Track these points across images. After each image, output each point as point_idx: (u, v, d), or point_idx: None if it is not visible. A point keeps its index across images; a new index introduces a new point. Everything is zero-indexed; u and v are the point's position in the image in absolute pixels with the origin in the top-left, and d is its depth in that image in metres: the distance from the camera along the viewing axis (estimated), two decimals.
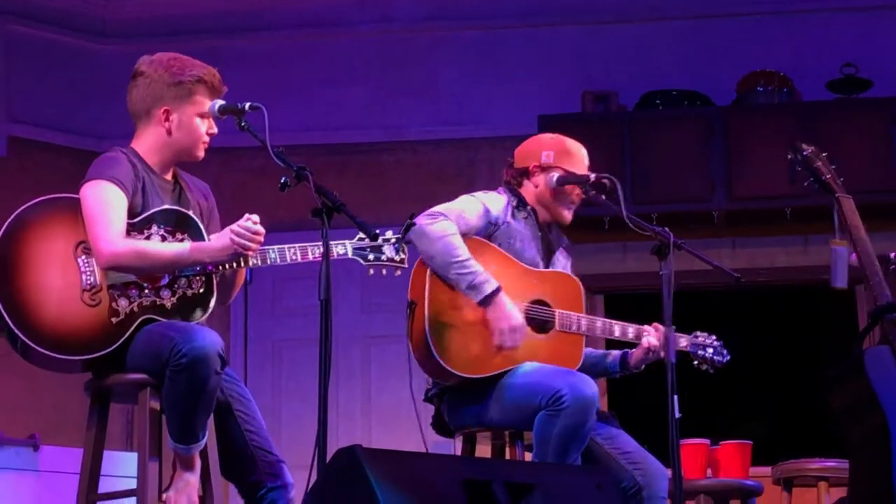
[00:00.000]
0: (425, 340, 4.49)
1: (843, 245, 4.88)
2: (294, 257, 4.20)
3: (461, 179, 7.87)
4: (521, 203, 4.80)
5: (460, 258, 4.52)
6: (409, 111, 8.40)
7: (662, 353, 4.63)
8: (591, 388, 4.40)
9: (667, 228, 4.52)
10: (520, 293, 4.64)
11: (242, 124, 4.13)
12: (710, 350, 4.89)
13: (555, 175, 4.76)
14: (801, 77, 7.94)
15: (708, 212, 7.71)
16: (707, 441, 6.38)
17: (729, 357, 4.92)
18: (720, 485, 6.27)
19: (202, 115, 4.29)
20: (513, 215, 4.76)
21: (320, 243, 4.11)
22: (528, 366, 4.55)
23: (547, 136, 4.94)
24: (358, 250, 4.23)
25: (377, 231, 4.17)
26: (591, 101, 8.02)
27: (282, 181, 3.98)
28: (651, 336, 4.70)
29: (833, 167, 4.93)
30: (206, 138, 4.32)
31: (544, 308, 4.66)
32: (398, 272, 4.44)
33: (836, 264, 4.91)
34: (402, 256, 4.26)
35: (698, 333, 4.91)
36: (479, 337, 4.55)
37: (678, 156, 7.76)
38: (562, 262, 4.87)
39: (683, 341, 4.83)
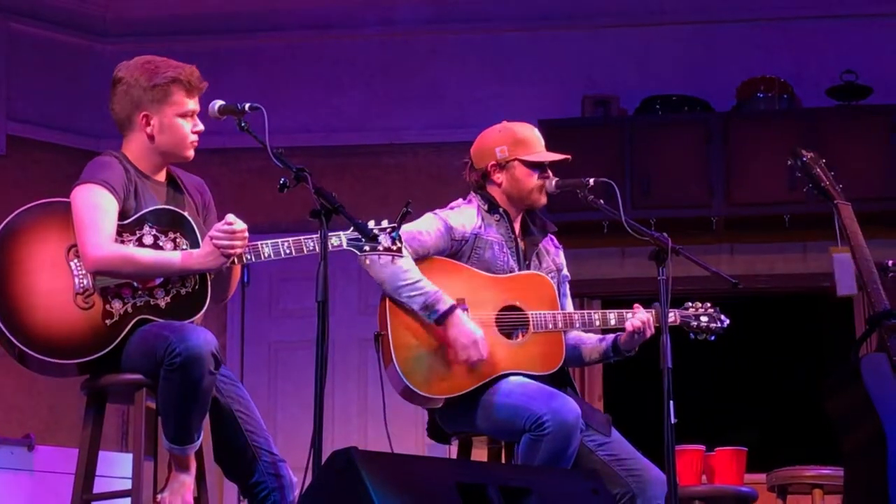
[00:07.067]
0: (397, 372, 4.49)
1: (844, 252, 4.88)
2: (288, 251, 4.16)
3: (461, 183, 7.86)
4: (491, 206, 4.75)
5: (409, 280, 4.49)
6: (409, 114, 8.39)
7: (648, 333, 4.63)
8: (573, 412, 4.35)
9: (665, 234, 4.51)
10: (489, 303, 4.61)
11: (242, 125, 4.12)
12: (705, 318, 4.79)
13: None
14: (801, 83, 7.94)
15: (707, 217, 7.71)
16: (702, 447, 6.38)
17: (728, 321, 4.83)
18: (715, 491, 6.27)
19: (183, 115, 4.26)
20: (484, 221, 4.71)
21: (314, 236, 4.10)
22: (512, 382, 4.51)
23: (495, 130, 4.82)
24: (352, 241, 4.15)
25: (376, 233, 4.16)
26: (591, 106, 8.02)
27: (281, 182, 3.98)
28: (633, 319, 4.64)
29: (832, 174, 4.93)
30: (193, 137, 4.29)
31: (516, 313, 4.62)
32: (394, 262, 4.42)
33: (840, 272, 4.91)
34: (399, 245, 4.19)
35: (689, 304, 4.83)
36: (452, 355, 4.52)
37: (678, 161, 7.76)
38: (546, 260, 4.81)
39: (672, 316, 4.72)
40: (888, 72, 7.96)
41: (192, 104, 4.27)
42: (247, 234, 4.13)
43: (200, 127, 4.30)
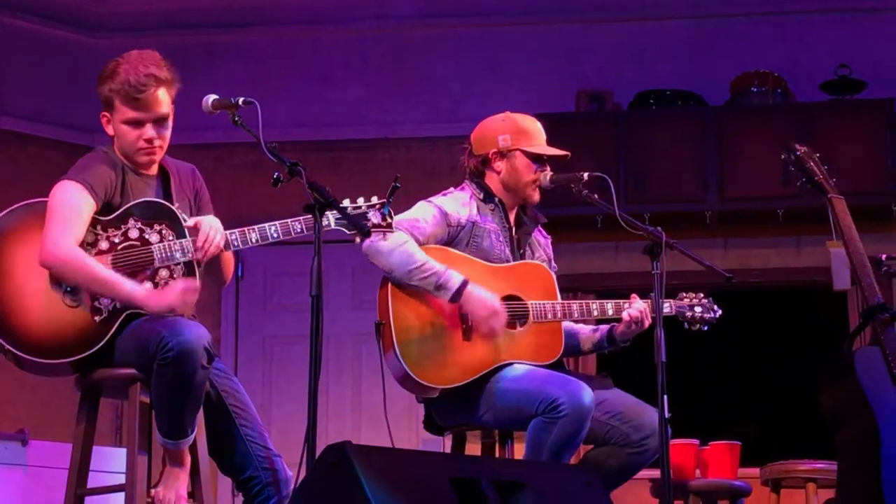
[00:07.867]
0: (398, 361, 4.48)
1: (839, 247, 4.88)
2: (275, 235, 4.16)
3: (455, 177, 7.86)
4: (486, 196, 4.76)
5: (418, 263, 4.50)
6: (403, 108, 8.39)
7: (646, 323, 4.65)
8: (589, 396, 4.37)
9: (659, 228, 4.52)
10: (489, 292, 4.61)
11: (236, 119, 4.10)
12: (699, 308, 4.84)
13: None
14: (794, 78, 7.95)
15: (700, 212, 7.72)
16: (696, 441, 6.38)
17: (721, 312, 4.88)
18: (709, 485, 6.27)
19: (130, 123, 4.20)
20: (480, 210, 4.72)
21: (300, 218, 4.10)
22: (518, 368, 4.53)
23: (498, 119, 4.83)
24: (340, 220, 4.14)
25: (370, 228, 4.15)
26: (585, 101, 8.02)
27: (274, 177, 3.97)
28: (630, 309, 4.68)
29: (825, 168, 4.93)
30: (143, 144, 4.22)
31: (517, 303, 4.63)
32: (384, 237, 4.41)
33: (837, 266, 4.91)
34: (389, 221, 4.18)
35: (684, 294, 4.86)
36: (453, 344, 4.53)
37: (672, 156, 7.76)
38: (538, 250, 4.83)
39: (667, 306, 4.77)
40: (882, 66, 7.97)
41: (142, 114, 4.20)
42: (212, 225, 4.13)
43: (149, 135, 4.21)
